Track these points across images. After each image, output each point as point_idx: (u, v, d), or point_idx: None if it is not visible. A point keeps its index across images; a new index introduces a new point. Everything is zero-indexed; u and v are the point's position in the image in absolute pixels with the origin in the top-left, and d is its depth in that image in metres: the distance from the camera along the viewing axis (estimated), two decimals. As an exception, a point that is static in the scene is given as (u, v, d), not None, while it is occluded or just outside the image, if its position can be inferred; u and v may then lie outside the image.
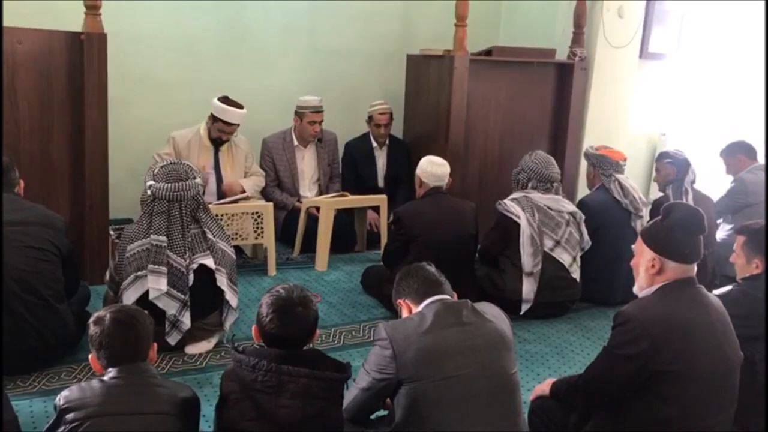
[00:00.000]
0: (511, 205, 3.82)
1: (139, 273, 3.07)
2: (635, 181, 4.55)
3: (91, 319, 1.98)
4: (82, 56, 3.67)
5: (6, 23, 3.57)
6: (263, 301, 2.04)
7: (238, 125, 4.40)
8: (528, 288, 3.75)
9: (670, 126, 5.99)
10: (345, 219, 4.77)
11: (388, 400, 2.20)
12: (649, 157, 5.88)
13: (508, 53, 5.04)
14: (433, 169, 3.82)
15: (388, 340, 2.06)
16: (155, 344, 2.05)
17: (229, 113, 4.30)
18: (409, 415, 2.04)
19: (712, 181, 5.07)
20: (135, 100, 4.71)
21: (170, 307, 3.09)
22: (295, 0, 5.14)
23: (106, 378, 1.93)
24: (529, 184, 3.91)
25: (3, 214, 2.84)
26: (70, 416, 1.84)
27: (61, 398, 1.90)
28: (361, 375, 2.16)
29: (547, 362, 3.43)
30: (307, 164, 4.94)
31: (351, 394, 2.15)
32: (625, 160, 4.28)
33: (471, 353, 2.06)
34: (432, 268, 2.32)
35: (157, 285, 3.05)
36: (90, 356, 1.99)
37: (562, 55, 5.22)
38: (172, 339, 3.12)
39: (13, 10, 3.93)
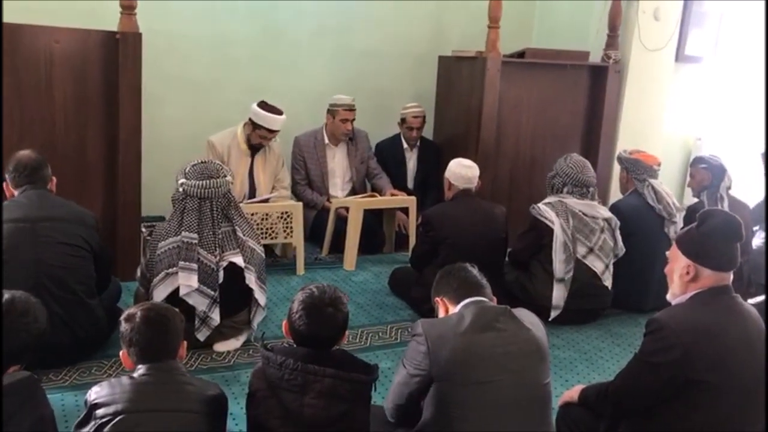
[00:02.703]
0: (545, 210, 3.78)
1: (170, 270, 3.10)
2: (669, 186, 4.47)
3: (123, 316, 2.00)
4: (117, 55, 3.72)
5: (43, 22, 3.65)
6: (295, 298, 2.05)
7: (279, 131, 4.42)
8: (558, 294, 3.71)
9: (706, 131, 5.88)
10: (374, 220, 4.77)
11: None
12: (684, 162, 5.79)
13: (541, 55, 5.00)
14: (462, 171, 3.80)
15: (424, 336, 2.06)
16: (185, 342, 2.07)
17: (272, 121, 4.29)
18: (437, 416, 2.03)
19: (748, 187, 4.96)
20: (169, 100, 4.76)
21: (200, 304, 3.11)
22: (327, 1, 5.16)
23: (135, 375, 1.94)
24: (564, 189, 3.85)
25: (34, 210, 2.91)
26: (100, 412, 1.86)
27: (91, 394, 1.92)
28: (399, 368, 2.17)
29: (576, 368, 3.39)
30: (338, 163, 4.95)
31: (391, 389, 2.17)
32: (659, 164, 4.21)
33: (505, 360, 2.04)
34: (475, 270, 2.31)
35: (188, 282, 3.08)
36: (121, 352, 2.00)
37: (596, 58, 5.16)
38: (202, 335, 3.15)
39: (50, 9, 4.01)
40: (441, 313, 2.29)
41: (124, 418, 1.84)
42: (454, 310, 2.21)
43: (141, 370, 1.95)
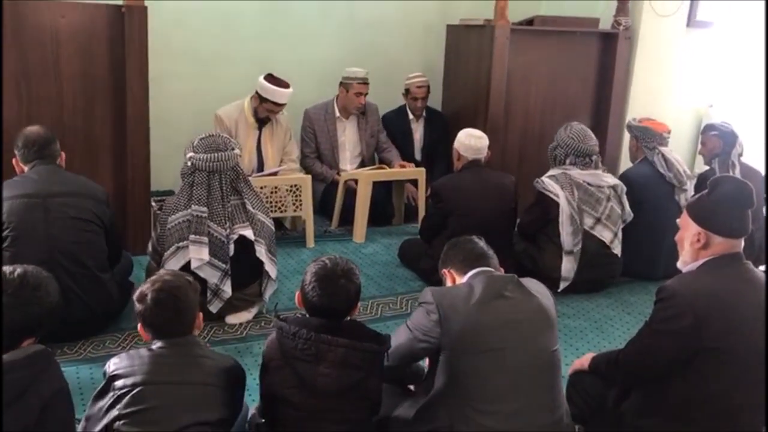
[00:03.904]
0: (549, 183, 3.75)
1: (181, 244, 3.11)
2: (680, 154, 4.43)
3: (135, 296, 2.00)
4: (123, 29, 3.70)
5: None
6: (308, 269, 2.06)
7: (286, 104, 4.40)
8: (567, 266, 3.70)
9: (718, 97, 5.81)
10: (383, 192, 4.76)
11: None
12: (695, 129, 5.73)
13: (550, 23, 4.94)
14: (471, 141, 3.78)
15: (435, 305, 2.07)
16: (201, 313, 2.07)
17: (279, 94, 4.26)
18: (448, 384, 2.05)
19: (760, 154, 4.91)
20: (176, 74, 4.74)
21: (212, 276, 3.13)
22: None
23: (154, 347, 1.96)
24: (567, 160, 3.80)
25: (45, 185, 2.92)
26: (118, 383, 1.88)
27: (110, 365, 1.94)
28: (402, 332, 2.17)
29: (587, 337, 3.40)
30: (348, 137, 4.93)
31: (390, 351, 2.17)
32: (669, 132, 4.18)
33: (514, 328, 2.05)
34: (481, 242, 2.32)
35: (199, 255, 3.09)
36: (138, 326, 2.01)
37: (605, 25, 5.10)
38: (214, 307, 3.18)
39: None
40: (448, 285, 2.30)
41: (142, 390, 1.86)
42: (461, 281, 2.22)
43: (159, 343, 1.97)
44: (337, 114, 4.85)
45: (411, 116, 5.14)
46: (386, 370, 2.14)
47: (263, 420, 2.14)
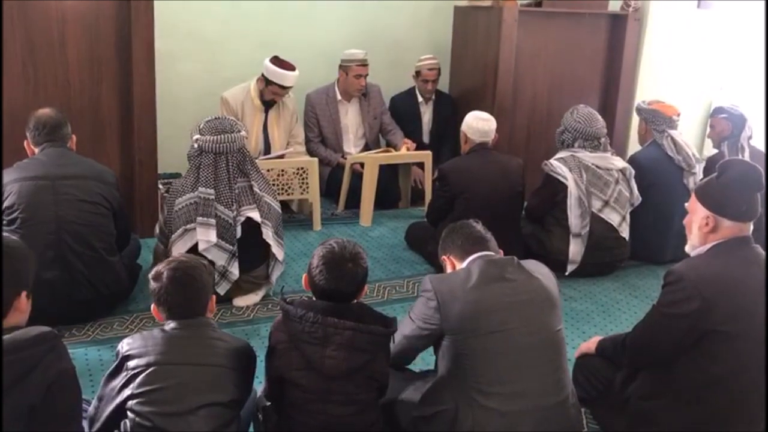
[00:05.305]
0: (557, 166, 3.73)
1: (188, 226, 3.12)
2: (689, 137, 4.41)
3: (151, 274, 2.01)
4: (129, 11, 3.68)
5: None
6: (315, 253, 2.06)
7: (292, 86, 4.39)
8: (575, 249, 3.69)
9: (728, 79, 5.76)
10: (389, 175, 4.75)
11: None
12: (705, 112, 5.68)
13: (558, 4, 4.89)
14: (478, 124, 3.76)
15: (433, 292, 2.08)
16: (214, 296, 2.08)
17: (284, 77, 4.25)
18: (453, 368, 2.06)
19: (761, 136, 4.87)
20: (182, 56, 4.73)
21: (219, 258, 3.14)
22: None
23: (167, 328, 1.97)
24: (575, 144, 3.77)
25: (54, 168, 2.93)
26: (132, 363, 1.90)
27: (123, 345, 1.95)
28: (406, 321, 2.19)
29: (593, 320, 3.40)
30: (351, 119, 4.91)
31: (396, 342, 2.20)
32: (678, 115, 4.14)
33: (516, 309, 2.06)
34: (478, 226, 2.32)
35: (206, 237, 3.10)
36: (152, 306, 2.02)
37: (615, 6, 5.05)
38: (221, 289, 3.18)
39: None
40: (448, 271, 2.30)
41: (155, 370, 1.87)
42: (460, 266, 2.22)
43: (172, 324, 1.98)
44: (339, 97, 4.83)
45: (420, 99, 5.12)
46: (394, 359, 2.16)
47: (269, 402, 2.16)
